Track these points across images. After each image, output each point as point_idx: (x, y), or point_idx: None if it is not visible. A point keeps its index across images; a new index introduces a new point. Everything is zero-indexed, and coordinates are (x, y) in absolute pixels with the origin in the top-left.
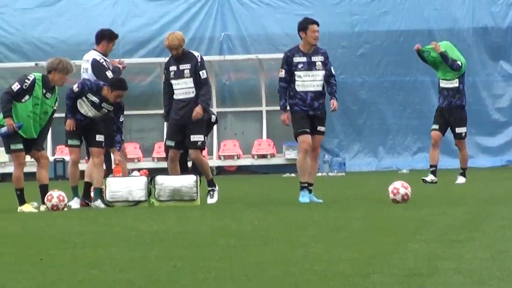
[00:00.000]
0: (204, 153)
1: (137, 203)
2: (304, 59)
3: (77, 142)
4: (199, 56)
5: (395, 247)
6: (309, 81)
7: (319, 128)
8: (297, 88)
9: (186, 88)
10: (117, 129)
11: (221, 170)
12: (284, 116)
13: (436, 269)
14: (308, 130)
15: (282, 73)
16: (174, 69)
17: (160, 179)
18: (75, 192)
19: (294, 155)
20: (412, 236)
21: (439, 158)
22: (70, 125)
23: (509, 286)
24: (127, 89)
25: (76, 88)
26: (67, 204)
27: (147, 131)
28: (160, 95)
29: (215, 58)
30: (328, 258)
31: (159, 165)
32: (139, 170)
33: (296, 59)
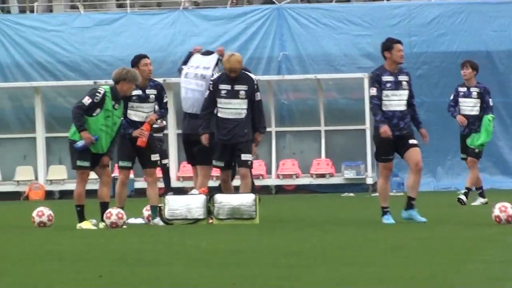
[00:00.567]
0: (262, 172)
1: (196, 221)
2: (391, 78)
3: (128, 164)
4: (255, 79)
5: (452, 267)
6: (396, 101)
7: (412, 142)
8: (384, 108)
9: (239, 108)
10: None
11: (279, 189)
12: (385, 128)
13: None
14: (391, 157)
15: (374, 91)
16: (227, 88)
17: (219, 197)
18: (154, 211)
19: (352, 175)
20: (472, 256)
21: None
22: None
23: None
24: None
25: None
26: (125, 222)
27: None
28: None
29: (273, 78)
30: (387, 277)
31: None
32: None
33: (384, 78)
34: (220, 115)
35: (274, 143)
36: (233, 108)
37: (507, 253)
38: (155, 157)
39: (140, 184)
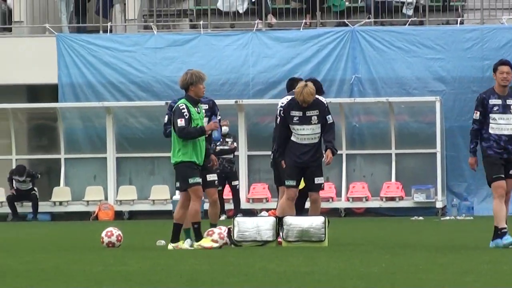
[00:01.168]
0: (332, 194)
1: (265, 243)
2: (499, 102)
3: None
4: (326, 102)
5: None
6: (504, 124)
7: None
8: (491, 131)
9: (312, 134)
10: None
11: (349, 212)
12: (472, 160)
13: None
14: (503, 175)
15: (477, 115)
16: (299, 114)
17: (288, 219)
18: (187, 234)
19: (422, 198)
20: None
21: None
22: None
23: None
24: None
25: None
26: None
27: None
28: None
29: (345, 100)
30: None
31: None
32: (267, 210)
33: (492, 101)
34: (294, 139)
35: (345, 165)
36: (306, 134)
37: None
38: (210, 177)
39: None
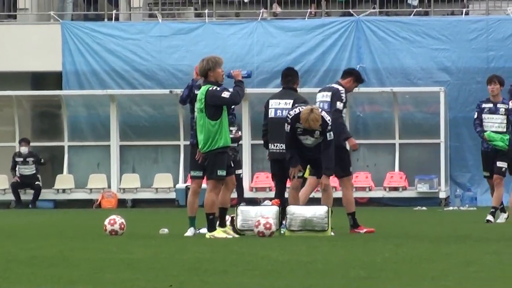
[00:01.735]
0: (335, 184)
1: None
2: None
3: (199, 174)
4: (329, 121)
5: None
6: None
7: None
8: None
9: (315, 143)
10: None
11: None
12: None
13: None
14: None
15: None
16: (303, 127)
17: (292, 209)
18: (191, 222)
19: (425, 189)
20: None
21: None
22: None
23: None
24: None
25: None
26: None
27: None
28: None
29: None
30: None
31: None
32: (270, 199)
33: None
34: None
35: None
36: (309, 143)
37: None
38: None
39: None
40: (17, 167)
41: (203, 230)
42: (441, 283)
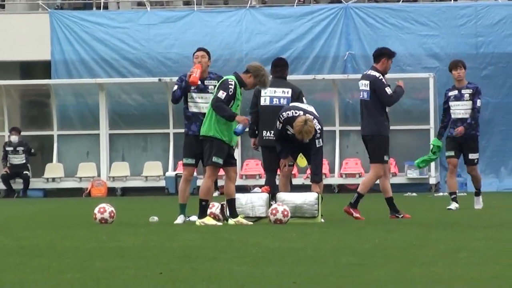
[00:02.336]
0: (325, 170)
1: (258, 219)
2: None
3: (192, 161)
4: (319, 128)
5: None
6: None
7: None
8: None
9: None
10: None
11: (342, 188)
12: None
13: None
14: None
15: None
16: (293, 132)
17: (282, 195)
18: (182, 209)
19: (415, 175)
20: None
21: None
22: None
23: None
24: None
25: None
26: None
27: None
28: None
29: (338, 77)
30: (448, 277)
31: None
32: (260, 186)
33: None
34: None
35: (338, 142)
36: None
37: None
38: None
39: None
40: (7, 157)
41: (193, 218)
42: (430, 269)
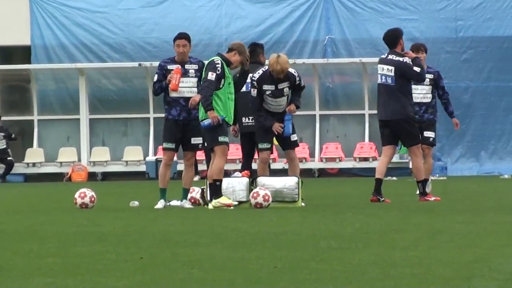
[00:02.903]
0: (305, 155)
1: (238, 203)
2: None
3: (172, 146)
4: (296, 74)
5: (496, 251)
6: None
7: None
8: None
9: (283, 105)
10: None
11: (322, 172)
12: None
13: None
14: None
15: None
16: (271, 88)
17: (262, 180)
18: (162, 194)
19: (395, 159)
20: None
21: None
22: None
23: None
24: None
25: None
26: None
27: None
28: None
29: (318, 61)
30: (428, 261)
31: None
32: (240, 171)
33: None
34: (266, 107)
35: (318, 126)
36: (278, 105)
37: None
38: (195, 140)
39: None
40: None
41: (174, 203)
42: (411, 253)
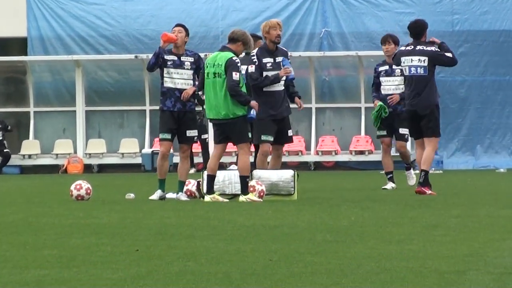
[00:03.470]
0: (301, 148)
1: (234, 196)
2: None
3: (168, 136)
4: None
5: (491, 245)
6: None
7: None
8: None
9: (281, 82)
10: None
11: (318, 166)
12: None
13: None
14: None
15: None
16: (271, 61)
17: (258, 173)
18: (161, 184)
19: (392, 152)
20: (509, 234)
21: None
22: None
23: None
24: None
25: None
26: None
27: None
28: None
29: (315, 54)
30: (424, 255)
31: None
32: (236, 163)
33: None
34: (268, 89)
35: (314, 119)
36: (280, 85)
37: None
38: (190, 132)
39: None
40: None
41: (170, 195)
42: (406, 246)
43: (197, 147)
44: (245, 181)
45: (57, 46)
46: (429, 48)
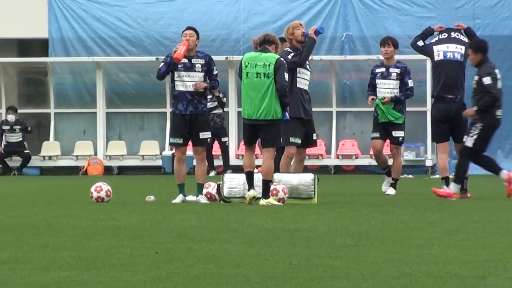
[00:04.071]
0: (322, 151)
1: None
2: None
3: (179, 141)
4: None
5: (511, 250)
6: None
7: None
8: None
9: (308, 79)
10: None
11: (338, 170)
12: None
13: None
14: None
15: None
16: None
17: (278, 176)
18: (180, 189)
19: (412, 157)
20: None
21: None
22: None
23: None
24: None
25: None
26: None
27: None
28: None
29: (336, 57)
30: (444, 260)
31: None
32: (256, 167)
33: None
34: (300, 86)
35: (335, 123)
36: (306, 79)
37: None
38: (204, 135)
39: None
40: (3, 135)
41: (189, 198)
42: (426, 251)
43: (217, 150)
44: (267, 185)
45: (78, 47)
46: (465, 39)
